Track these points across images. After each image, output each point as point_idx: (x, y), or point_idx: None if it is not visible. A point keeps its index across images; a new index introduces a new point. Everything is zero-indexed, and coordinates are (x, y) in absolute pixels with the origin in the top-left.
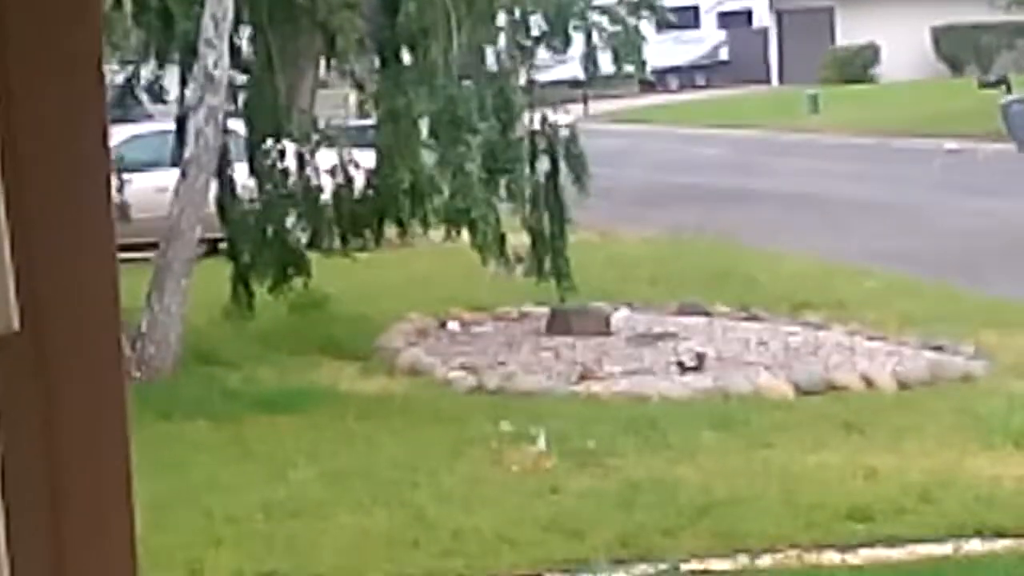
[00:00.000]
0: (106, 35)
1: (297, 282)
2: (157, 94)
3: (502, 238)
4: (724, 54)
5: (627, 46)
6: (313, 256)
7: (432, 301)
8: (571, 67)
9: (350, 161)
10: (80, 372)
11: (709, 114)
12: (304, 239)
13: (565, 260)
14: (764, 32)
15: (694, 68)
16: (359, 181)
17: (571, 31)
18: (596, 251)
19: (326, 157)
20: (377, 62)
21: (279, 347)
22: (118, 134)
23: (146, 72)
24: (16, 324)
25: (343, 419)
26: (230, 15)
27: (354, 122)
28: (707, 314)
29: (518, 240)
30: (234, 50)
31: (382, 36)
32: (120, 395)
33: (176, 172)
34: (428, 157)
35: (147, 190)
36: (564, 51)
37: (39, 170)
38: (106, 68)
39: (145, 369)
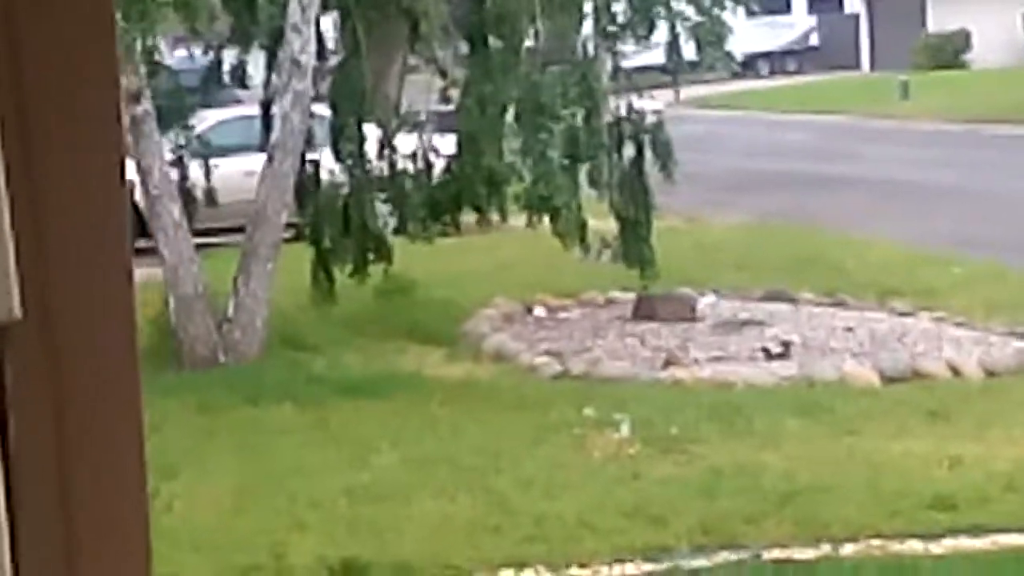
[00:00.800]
0: (190, 20)
1: (378, 268)
2: (241, 79)
3: (584, 224)
4: (815, 40)
5: (711, 35)
6: (399, 241)
7: (518, 286)
8: (660, 53)
9: (430, 147)
10: (92, 364)
11: (799, 100)
12: (389, 224)
13: (650, 246)
14: (855, 18)
15: (785, 54)
16: (438, 167)
17: (655, 19)
18: (683, 237)
19: (405, 142)
20: (463, 48)
21: (365, 332)
22: (206, 119)
23: (230, 57)
24: (18, 312)
25: (427, 404)
26: (317, 1)
27: (435, 108)
28: (793, 301)
29: (605, 226)
30: (319, 35)
31: (469, 22)
32: (134, 388)
33: (263, 156)
34: (509, 144)
35: (235, 174)
36: (648, 39)
37: (51, 157)
38: (192, 51)
39: (231, 354)
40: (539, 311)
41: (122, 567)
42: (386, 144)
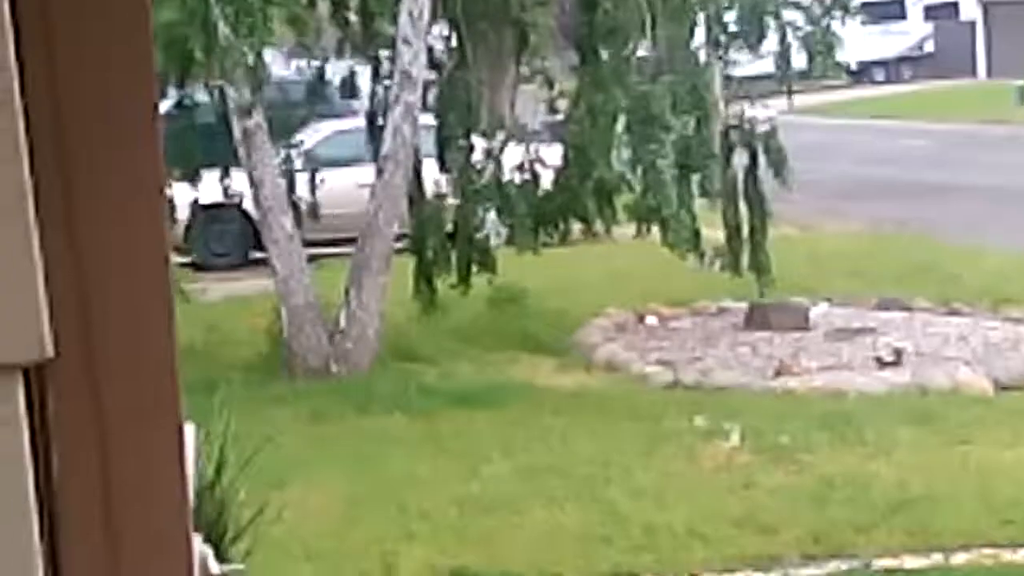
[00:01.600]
0: (299, 34)
1: (482, 277)
2: (351, 91)
3: (697, 233)
4: (930, 47)
5: (820, 45)
6: (510, 252)
7: (630, 296)
8: (771, 62)
9: (536, 157)
10: (133, 392)
11: (914, 107)
12: (501, 235)
13: (765, 255)
14: (971, 24)
15: (900, 61)
16: (546, 178)
17: (765, 29)
18: (796, 245)
19: (514, 152)
20: (573, 59)
21: (476, 342)
22: (320, 130)
23: (339, 69)
24: (51, 351)
25: (539, 414)
26: (427, 13)
27: (542, 119)
28: (907, 309)
29: (718, 235)
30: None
31: (579, 33)
32: (174, 411)
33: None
34: (619, 154)
35: (348, 186)
36: (758, 48)
37: (91, 186)
38: (299, 64)
39: (343, 364)
40: (651, 320)
41: None
42: (493, 155)
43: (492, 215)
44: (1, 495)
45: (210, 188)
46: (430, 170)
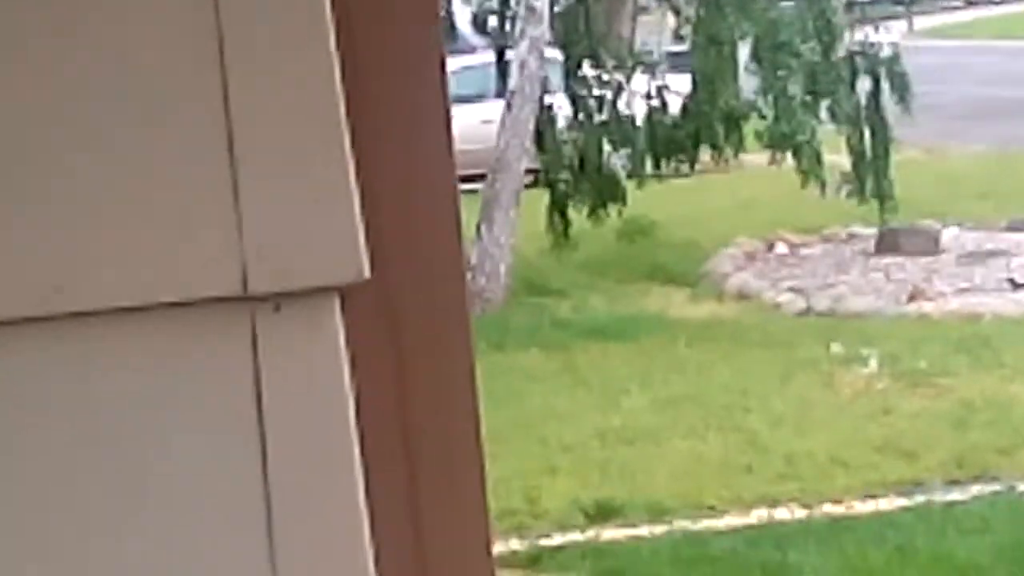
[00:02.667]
0: None
1: (613, 209)
2: (481, 27)
3: (820, 160)
4: None
5: None
6: (638, 183)
7: (758, 224)
8: None
9: (664, 86)
10: (427, 322)
11: None
12: (625, 166)
13: (889, 181)
14: None
15: None
16: (673, 107)
17: None
18: (922, 169)
19: (639, 82)
20: None
21: (607, 275)
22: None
23: (471, 5)
24: (367, 271)
25: (673, 345)
26: None
27: (668, 47)
28: None
29: (844, 160)
30: None
31: None
32: (467, 343)
33: (499, 104)
34: (747, 81)
35: (474, 123)
36: None
37: (380, 117)
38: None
39: (477, 301)
40: (781, 248)
41: (462, 515)
42: (619, 85)
43: (622, 147)
44: (325, 422)
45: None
46: (560, 104)
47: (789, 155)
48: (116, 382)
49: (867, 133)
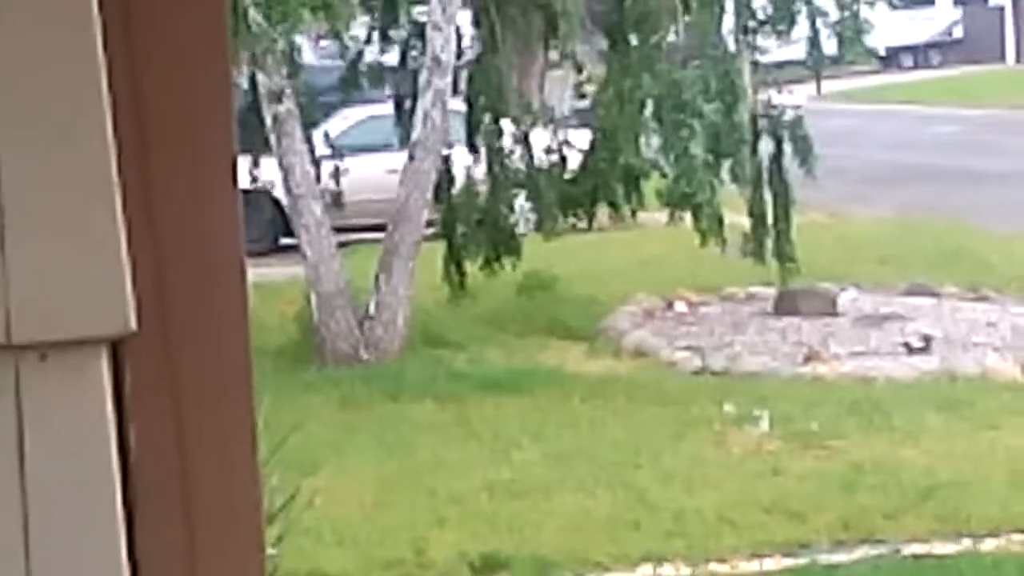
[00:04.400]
0: (330, 21)
1: (508, 263)
2: (378, 77)
3: (721, 220)
4: (959, 32)
5: (851, 31)
6: (540, 237)
7: (658, 282)
8: (800, 48)
9: (565, 142)
10: (208, 370)
11: (943, 93)
12: (524, 220)
13: (790, 243)
14: (1000, 10)
15: (928, 47)
16: (573, 163)
17: (795, 15)
18: (825, 231)
19: (542, 137)
20: (602, 44)
21: (505, 328)
22: (349, 117)
23: (369, 55)
24: (133, 325)
25: (568, 400)
26: None
27: (571, 104)
28: (936, 295)
29: (746, 221)
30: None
31: (608, 19)
32: (247, 391)
33: (404, 154)
34: (648, 139)
35: (378, 173)
36: (788, 35)
37: (166, 167)
38: (331, 49)
39: (373, 351)
40: (680, 306)
41: (240, 564)
42: (520, 140)
43: (521, 200)
44: (87, 471)
45: (242, 174)
46: (459, 155)
47: (689, 214)
48: None
49: (768, 195)
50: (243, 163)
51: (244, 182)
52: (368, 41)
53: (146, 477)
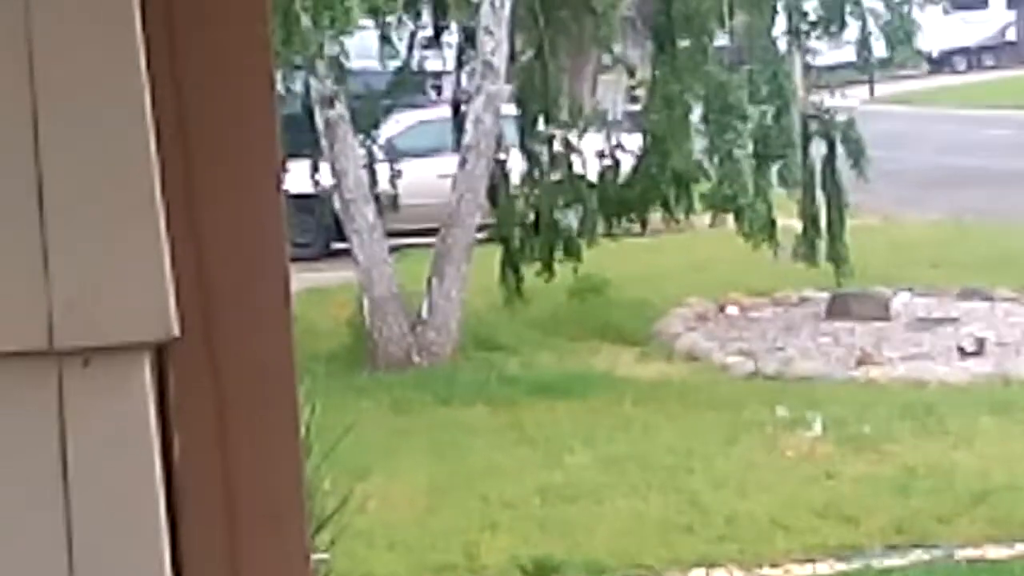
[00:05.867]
0: (379, 24)
1: (566, 266)
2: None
3: (772, 223)
4: (1012, 35)
5: (901, 32)
6: (588, 240)
7: (711, 286)
8: (851, 51)
9: (617, 146)
10: (251, 375)
11: (996, 95)
12: (576, 224)
13: (844, 245)
14: None
15: (982, 49)
16: (625, 166)
17: (845, 16)
18: (878, 235)
19: (594, 141)
20: (651, 47)
21: (557, 332)
22: (402, 121)
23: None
24: (176, 331)
25: (620, 404)
26: (508, 2)
27: (625, 107)
28: (989, 299)
29: (797, 225)
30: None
31: (657, 22)
32: (291, 395)
33: (455, 158)
34: (698, 143)
35: (430, 177)
36: (839, 36)
37: (210, 174)
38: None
39: (425, 355)
40: (732, 310)
41: (284, 569)
42: (572, 144)
43: (574, 205)
44: (130, 477)
45: (296, 179)
46: (515, 160)
47: (731, 217)
48: None
49: (822, 198)
50: (302, 168)
51: (306, 186)
52: (425, 47)
53: (190, 483)
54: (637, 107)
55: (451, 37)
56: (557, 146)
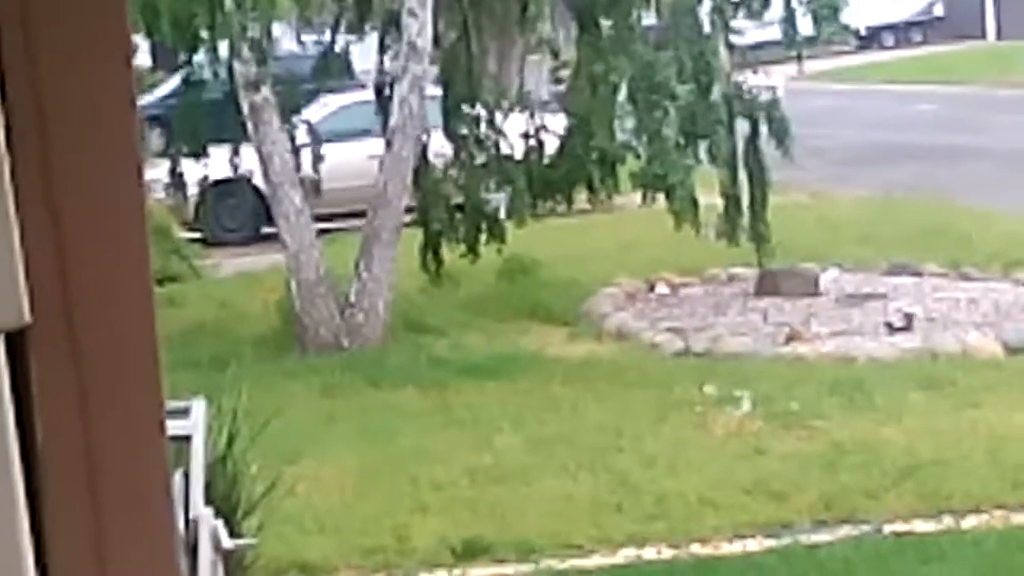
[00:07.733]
0: (302, 8)
1: (492, 248)
2: (348, 66)
3: (695, 202)
4: (939, 10)
5: (826, 9)
6: (515, 221)
7: (640, 265)
8: (778, 29)
9: (542, 126)
10: (114, 360)
11: (924, 71)
12: (501, 205)
13: (765, 224)
14: None
15: (909, 24)
16: (550, 147)
17: None
18: (806, 212)
19: (518, 122)
20: (574, 29)
21: (486, 313)
22: (328, 104)
23: (347, 43)
24: (28, 317)
25: (549, 384)
26: None
27: (551, 88)
28: (917, 274)
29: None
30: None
31: (581, 3)
32: (155, 381)
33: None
34: (623, 123)
35: (359, 159)
36: (762, 15)
37: (67, 159)
38: (305, 39)
39: (354, 338)
40: (661, 289)
41: (151, 556)
42: (497, 125)
43: (500, 187)
44: None
45: (220, 164)
46: (437, 141)
47: (663, 196)
48: None
49: (744, 176)
50: (222, 153)
51: (224, 171)
52: (348, 30)
53: (52, 466)
54: (563, 88)
55: (374, 19)
56: (483, 127)
